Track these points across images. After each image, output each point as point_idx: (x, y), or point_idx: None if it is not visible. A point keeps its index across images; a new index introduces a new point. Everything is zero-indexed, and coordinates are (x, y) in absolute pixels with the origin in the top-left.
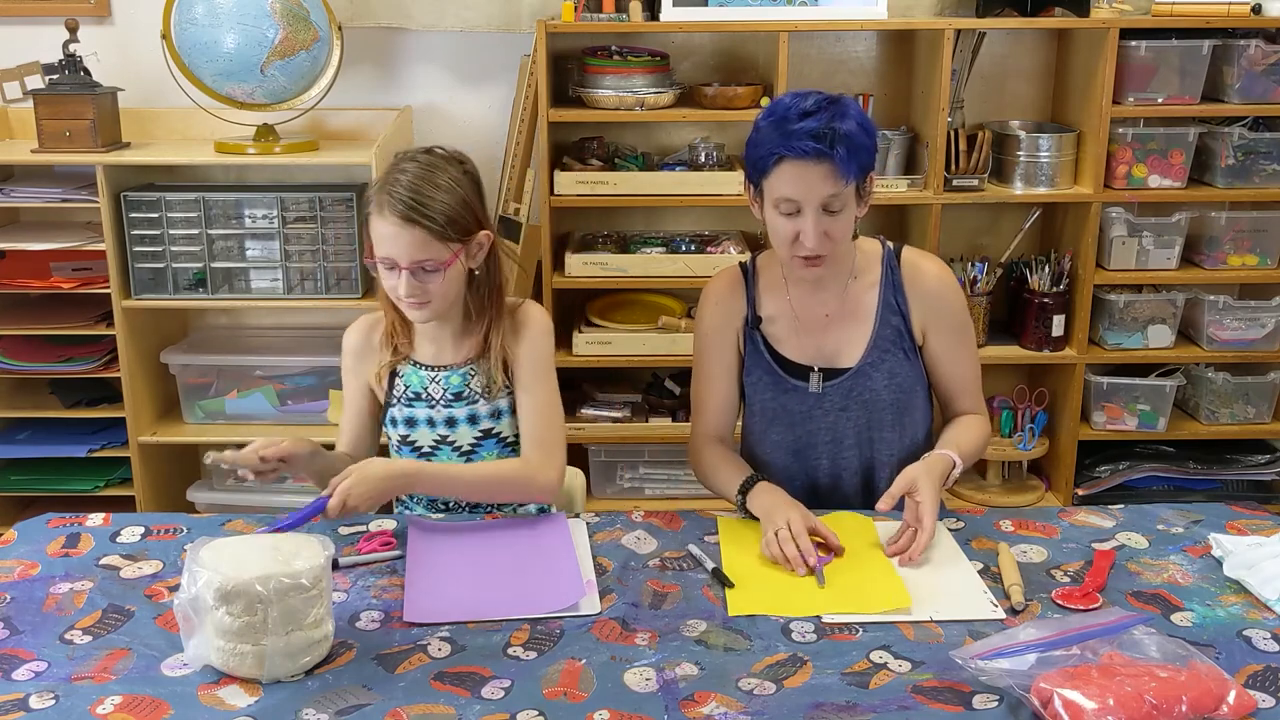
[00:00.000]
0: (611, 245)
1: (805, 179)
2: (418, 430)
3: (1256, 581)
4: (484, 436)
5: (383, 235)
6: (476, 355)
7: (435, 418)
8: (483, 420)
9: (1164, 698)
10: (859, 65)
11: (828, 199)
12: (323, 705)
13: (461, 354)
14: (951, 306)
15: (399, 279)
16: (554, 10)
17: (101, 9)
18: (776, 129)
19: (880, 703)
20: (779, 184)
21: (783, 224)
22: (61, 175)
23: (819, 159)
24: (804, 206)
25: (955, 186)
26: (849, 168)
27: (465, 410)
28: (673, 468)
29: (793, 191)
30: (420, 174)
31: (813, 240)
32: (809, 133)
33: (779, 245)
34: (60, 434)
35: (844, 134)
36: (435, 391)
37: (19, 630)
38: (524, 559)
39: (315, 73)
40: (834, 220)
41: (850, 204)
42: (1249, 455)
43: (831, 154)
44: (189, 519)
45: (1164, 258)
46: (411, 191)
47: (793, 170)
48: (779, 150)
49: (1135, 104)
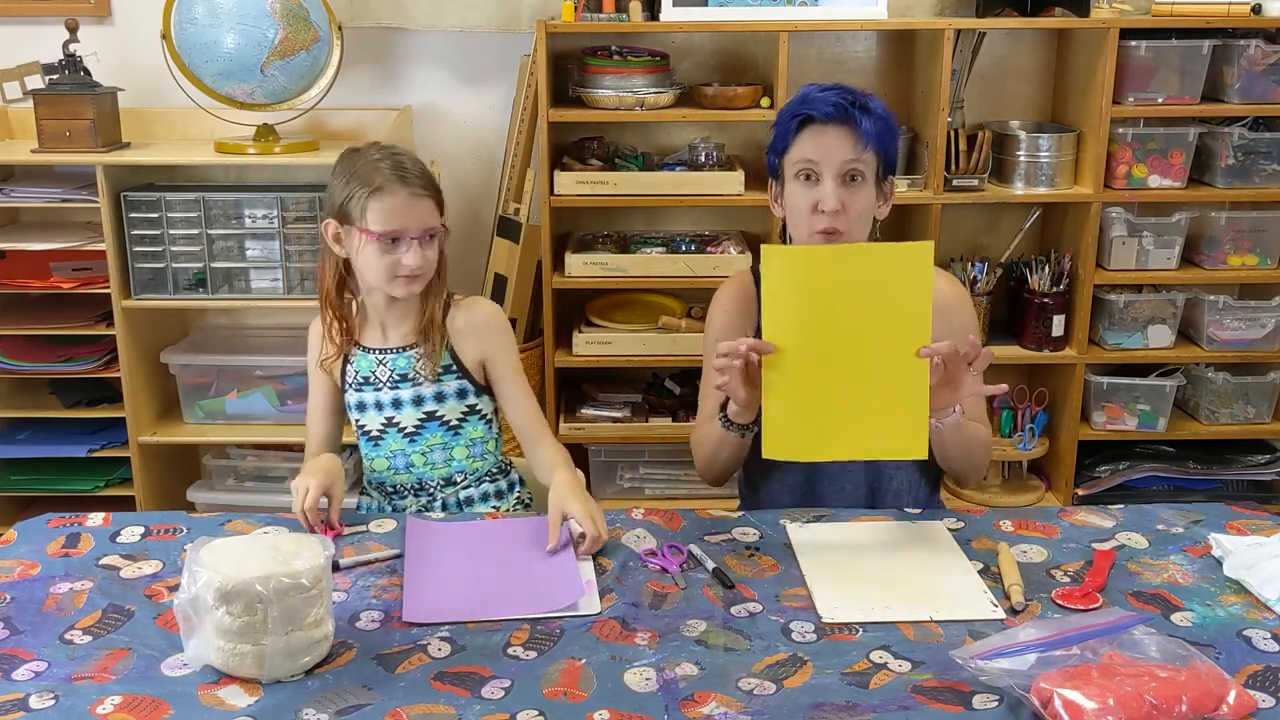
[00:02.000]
0: (611, 245)
1: (825, 141)
2: (367, 414)
3: (1256, 581)
4: (427, 419)
5: (391, 210)
6: (420, 336)
7: (382, 400)
8: (427, 402)
9: (1164, 698)
10: (859, 65)
11: (847, 165)
12: (323, 705)
13: (406, 335)
14: (963, 324)
15: (408, 250)
16: (554, 10)
17: (101, 9)
18: (800, 100)
19: (880, 703)
20: (799, 149)
21: (801, 193)
22: (61, 175)
23: (840, 121)
24: (823, 171)
25: (955, 186)
26: (869, 137)
27: (410, 391)
28: (673, 468)
29: (812, 153)
30: (401, 152)
31: (831, 200)
32: (831, 99)
33: (797, 221)
34: (60, 434)
35: (865, 105)
36: (383, 374)
37: (19, 630)
38: (524, 559)
39: (315, 73)
40: (852, 193)
41: (870, 184)
42: (1249, 455)
43: (852, 116)
44: (189, 519)
45: (1164, 258)
46: (411, 165)
47: (813, 133)
48: (802, 111)
49: (1135, 104)
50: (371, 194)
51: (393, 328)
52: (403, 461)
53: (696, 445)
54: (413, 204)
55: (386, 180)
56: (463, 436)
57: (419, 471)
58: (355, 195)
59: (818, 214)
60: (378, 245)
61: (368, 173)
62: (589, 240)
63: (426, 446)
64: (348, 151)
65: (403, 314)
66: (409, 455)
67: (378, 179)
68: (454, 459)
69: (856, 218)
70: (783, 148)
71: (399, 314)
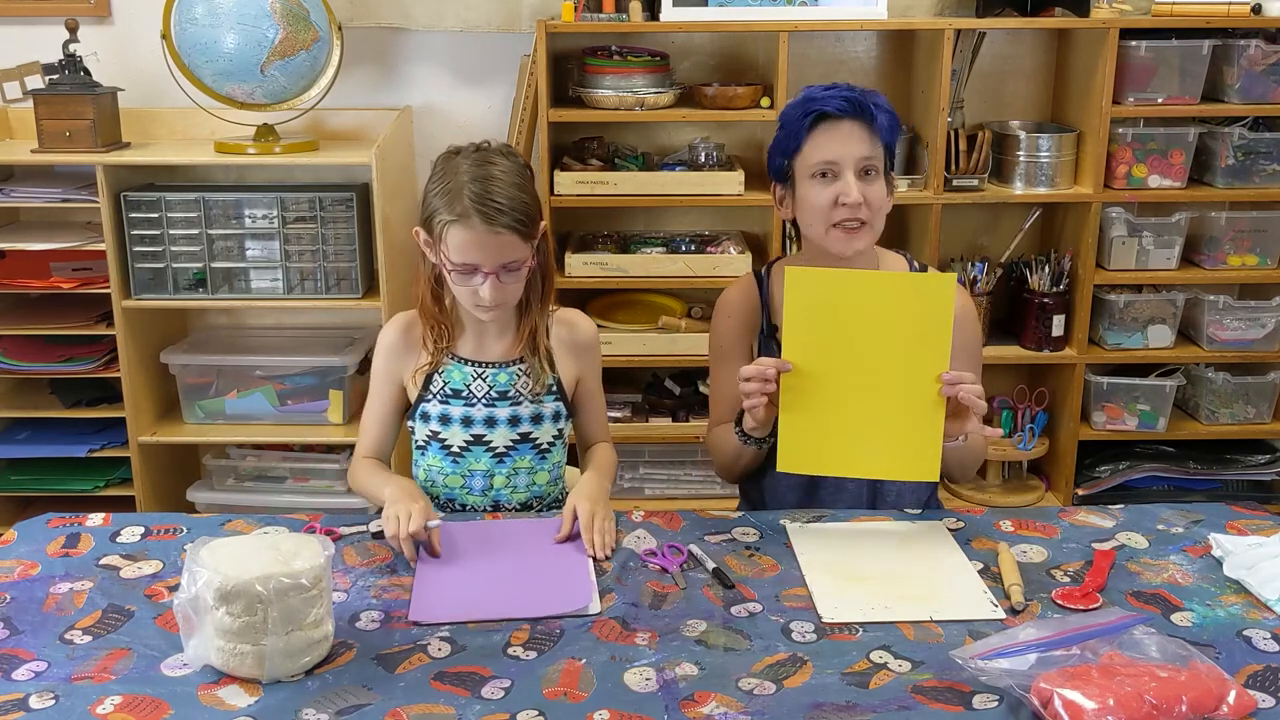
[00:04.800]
0: (612, 245)
1: (840, 136)
2: (450, 428)
3: (1256, 581)
4: (520, 440)
5: (467, 243)
6: (523, 351)
7: (473, 416)
8: (523, 423)
9: (1164, 698)
10: (859, 65)
11: (864, 160)
12: (323, 705)
13: (507, 349)
14: (968, 334)
15: (482, 284)
16: (554, 10)
17: (101, 9)
18: (806, 101)
19: (880, 703)
20: (814, 150)
21: (820, 191)
22: (61, 175)
23: (854, 116)
24: (841, 166)
25: (955, 186)
26: (882, 131)
27: (507, 410)
28: (673, 468)
29: (829, 152)
30: (493, 175)
31: (854, 192)
32: (841, 94)
33: (816, 220)
34: (60, 434)
35: (875, 100)
36: (478, 389)
37: (19, 630)
38: (538, 561)
39: (315, 73)
40: (870, 186)
41: (883, 179)
42: (1249, 455)
43: (866, 110)
44: (189, 519)
45: (1164, 258)
46: (495, 197)
47: (827, 130)
48: (815, 108)
49: (1135, 104)
50: (450, 223)
51: (493, 339)
52: (482, 482)
53: (716, 451)
54: (490, 240)
55: (466, 212)
56: (548, 460)
57: (497, 493)
58: (438, 214)
59: (839, 207)
60: (455, 273)
61: (453, 195)
62: (589, 240)
63: (513, 469)
64: (447, 154)
65: (502, 327)
66: (491, 476)
67: (458, 206)
68: (536, 483)
69: (875, 210)
70: (794, 148)
71: (499, 326)
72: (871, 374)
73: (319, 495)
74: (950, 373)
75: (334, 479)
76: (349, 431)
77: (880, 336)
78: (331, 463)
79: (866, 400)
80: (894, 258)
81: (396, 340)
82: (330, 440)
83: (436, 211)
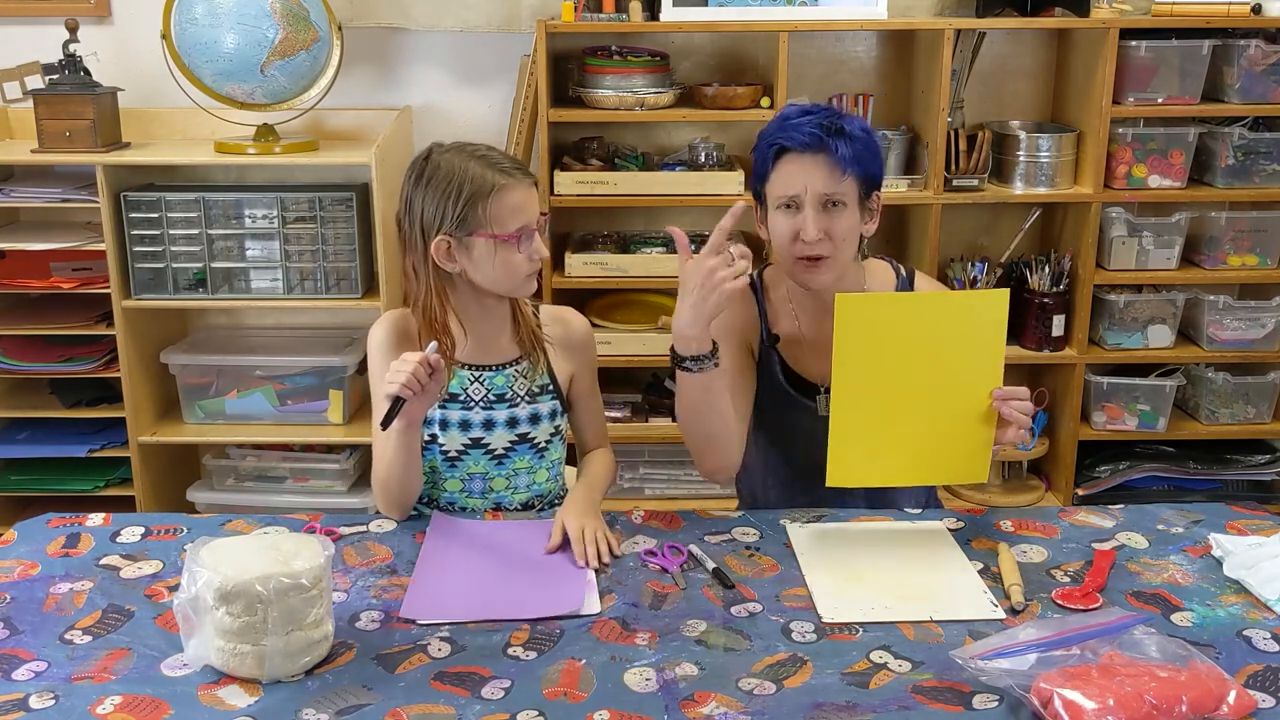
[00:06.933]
0: (611, 245)
1: (803, 171)
2: (448, 433)
3: (1256, 581)
4: (519, 441)
5: (518, 204)
6: (519, 353)
7: (471, 419)
8: (521, 423)
9: (1164, 698)
10: (859, 65)
11: (826, 194)
12: (323, 705)
13: (504, 352)
14: None
15: (533, 242)
16: (554, 10)
17: (101, 9)
18: (777, 127)
19: (880, 703)
20: (778, 182)
21: (784, 223)
22: (61, 175)
23: (816, 150)
24: (803, 200)
25: (955, 186)
26: (846, 163)
27: (505, 412)
28: (673, 468)
29: (790, 186)
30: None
31: (812, 230)
32: (807, 126)
33: (781, 249)
34: (60, 434)
35: (842, 129)
36: (476, 393)
37: (19, 630)
38: (534, 563)
39: (315, 73)
40: (834, 219)
41: (853, 208)
42: (1249, 455)
43: (828, 145)
44: (189, 519)
45: (1164, 258)
46: (504, 156)
47: (790, 164)
48: (778, 141)
49: (1135, 104)
50: (493, 195)
51: (490, 341)
52: (480, 485)
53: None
54: (530, 195)
55: (499, 178)
56: (547, 459)
57: (498, 495)
58: (473, 202)
59: (799, 243)
60: (509, 245)
61: (476, 176)
62: (589, 240)
63: (513, 470)
64: (420, 164)
65: (498, 327)
66: (490, 478)
67: (491, 178)
68: (536, 483)
69: (840, 242)
70: (762, 174)
71: (495, 327)
72: (924, 390)
73: (319, 495)
74: (1003, 389)
75: (334, 479)
76: (349, 431)
77: (933, 354)
78: (331, 463)
79: (918, 414)
80: (879, 265)
81: (387, 337)
82: (330, 440)
83: (469, 200)
